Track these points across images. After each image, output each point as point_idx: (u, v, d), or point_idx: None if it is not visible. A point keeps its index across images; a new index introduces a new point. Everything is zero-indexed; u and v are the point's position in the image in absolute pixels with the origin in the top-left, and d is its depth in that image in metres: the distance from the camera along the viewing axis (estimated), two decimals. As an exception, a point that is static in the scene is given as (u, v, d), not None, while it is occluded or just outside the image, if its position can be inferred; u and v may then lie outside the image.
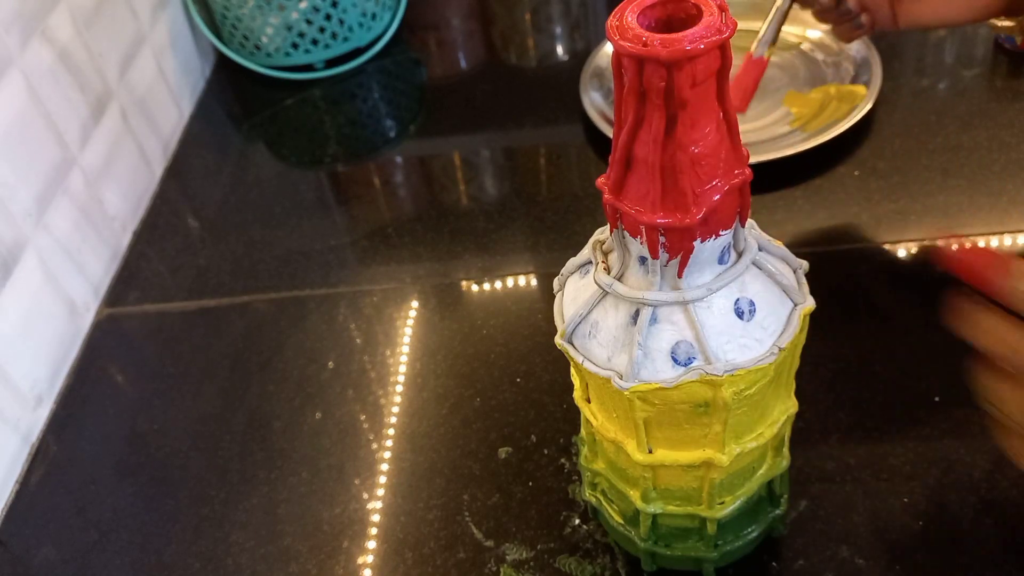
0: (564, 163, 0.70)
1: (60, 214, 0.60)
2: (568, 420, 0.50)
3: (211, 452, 0.52)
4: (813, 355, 0.51)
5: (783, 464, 0.39)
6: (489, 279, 0.60)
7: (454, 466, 0.49)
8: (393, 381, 0.54)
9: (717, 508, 0.37)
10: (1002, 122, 0.65)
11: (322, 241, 0.66)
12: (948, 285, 0.32)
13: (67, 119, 0.62)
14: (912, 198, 0.60)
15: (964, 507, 0.43)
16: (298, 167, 0.74)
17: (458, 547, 0.45)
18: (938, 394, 0.48)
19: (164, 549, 0.48)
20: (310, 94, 0.82)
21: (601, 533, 0.45)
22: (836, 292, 0.54)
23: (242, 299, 0.62)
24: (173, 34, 0.79)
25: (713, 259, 0.31)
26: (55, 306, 0.58)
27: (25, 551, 0.49)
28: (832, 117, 0.65)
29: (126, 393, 0.57)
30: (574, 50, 0.83)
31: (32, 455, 0.54)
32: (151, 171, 0.73)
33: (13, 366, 0.54)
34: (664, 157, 0.28)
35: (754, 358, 0.32)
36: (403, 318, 0.58)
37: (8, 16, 0.56)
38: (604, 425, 0.37)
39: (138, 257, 0.67)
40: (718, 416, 0.33)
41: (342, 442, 0.52)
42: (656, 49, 0.26)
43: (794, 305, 0.33)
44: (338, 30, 0.81)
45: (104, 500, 0.51)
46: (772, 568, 0.42)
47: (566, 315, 0.34)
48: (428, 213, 0.67)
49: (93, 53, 0.66)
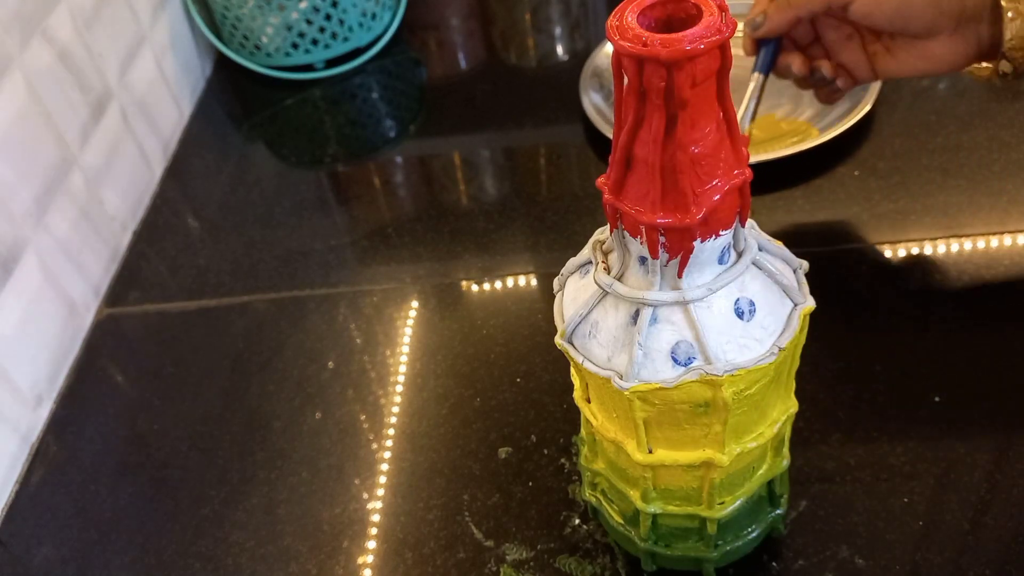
0: (564, 163, 0.70)
1: (60, 214, 0.60)
2: (568, 420, 0.50)
3: (211, 452, 0.52)
4: (813, 355, 0.51)
5: (783, 464, 0.39)
6: (489, 279, 0.60)
7: (454, 466, 0.49)
8: (393, 381, 0.54)
9: (717, 508, 0.37)
10: (1002, 122, 0.65)
11: (322, 241, 0.66)
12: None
13: (67, 119, 0.62)
14: (912, 198, 0.60)
15: (964, 507, 0.43)
16: (298, 167, 0.74)
17: (458, 547, 0.45)
18: (938, 394, 0.48)
19: (164, 549, 0.48)
20: (310, 94, 0.82)
21: (601, 533, 0.45)
22: (836, 292, 0.55)
23: (242, 299, 0.62)
24: (173, 34, 0.79)
25: (713, 259, 0.31)
26: (55, 306, 0.58)
27: (25, 551, 0.49)
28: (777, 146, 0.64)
29: (126, 393, 0.57)
30: (574, 50, 0.83)
31: (32, 455, 0.54)
32: (151, 171, 0.73)
33: (13, 366, 0.54)
34: (664, 157, 0.28)
35: (754, 358, 0.32)
36: (403, 318, 0.58)
37: (8, 16, 0.56)
38: (604, 425, 0.37)
39: (138, 257, 0.67)
40: (718, 416, 0.33)
41: (342, 442, 0.52)
42: (656, 49, 0.26)
43: (794, 305, 0.33)
44: (338, 30, 0.81)
45: (104, 500, 0.51)
46: (772, 568, 0.42)
47: (566, 315, 0.34)
48: (428, 213, 0.67)
49: (93, 53, 0.66)
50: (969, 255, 0.55)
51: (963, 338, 0.51)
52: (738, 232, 0.32)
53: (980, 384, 0.48)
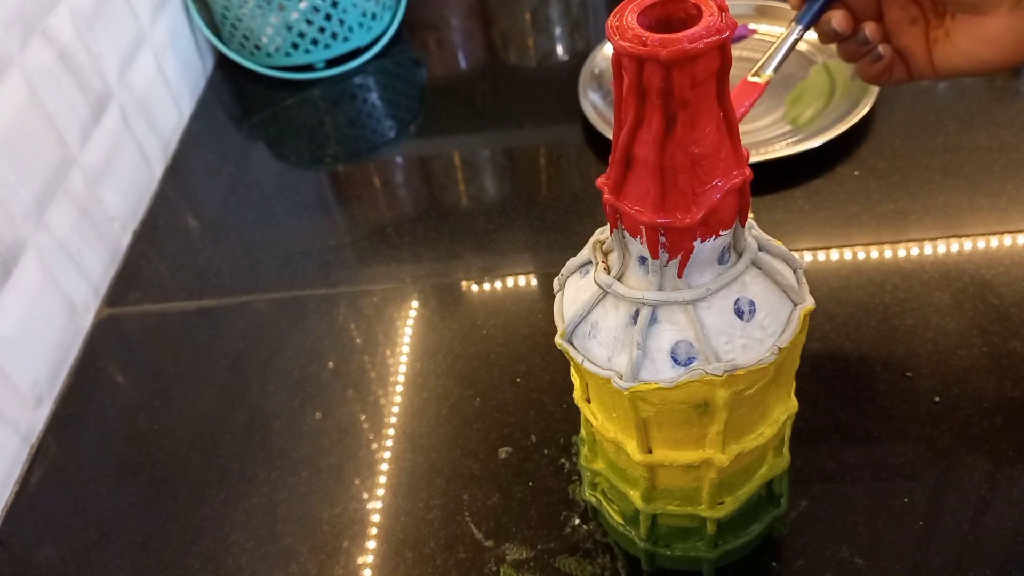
0: (564, 163, 0.70)
1: (60, 214, 0.60)
2: (568, 420, 0.50)
3: (211, 452, 0.52)
4: (813, 355, 0.51)
5: (783, 464, 0.39)
6: (489, 279, 0.60)
7: (454, 466, 0.49)
8: (393, 381, 0.54)
9: (717, 508, 0.37)
10: (1002, 122, 0.65)
11: (322, 241, 0.66)
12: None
13: (67, 119, 0.62)
14: (912, 198, 0.60)
15: (964, 507, 0.43)
16: (298, 167, 0.74)
17: (458, 547, 0.45)
18: (938, 394, 0.48)
19: (164, 549, 0.48)
20: (310, 94, 0.82)
21: (601, 533, 0.45)
22: (836, 292, 0.55)
23: (242, 299, 0.62)
24: (173, 34, 0.79)
25: (713, 259, 0.31)
26: (55, 306, 0.58)
27: (25, 551, 0.49)
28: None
29: (126, 393, 0.57)
30: (574, 50, 0.83)
31: (32, 455, 0.54)
32: (151, 171, 0.73)
33: (13, 366, 0.54)
34: (664, 157, 0.28)
35: (754, 358, 0.32)
36: (403, 318, 0.58)
37: (8, 16, 0.56)
38: (604, 425, 0.37)
39: (138, 257, 0.67)
40: (718, 416, 0.33)
41: (342, 442, 0.52)
42: (656, 49, 0.26)
43: (794, 305, 0.33)
44: (338, 30, 0.81)
45: (104, 500, 0.51)
46: (772, 568, 0.42)
47: (566, 315, 0.34)
48: (428, 213, 0.67)
49: (93, 53, 0.66)
50: (969, 255, 0.55)
51: (963, 338, 0.51)
52: (738, 232, 0.32)
53: (980, 384, 0.48)
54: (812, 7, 0.49)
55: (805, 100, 0.68)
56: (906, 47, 0.49)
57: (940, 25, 0.48)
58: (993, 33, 0.46)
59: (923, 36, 0.48)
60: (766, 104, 0.68)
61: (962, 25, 0.46)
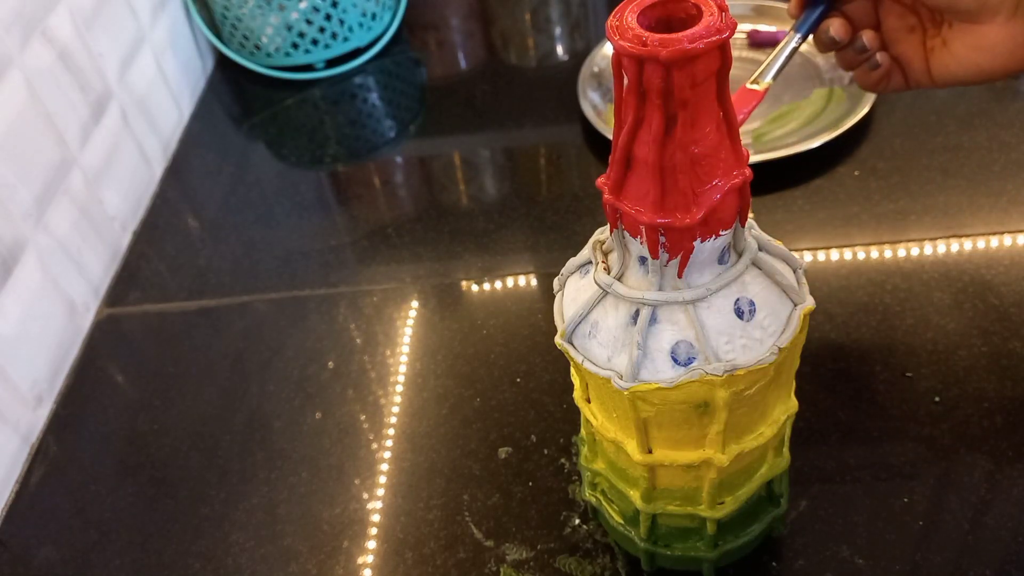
0: (564, 163, 0.70)
1: (60, 214, 0.60)
2: (568, 420, 0.50)
3: (211, 452, 0.52)
4: (813, 355, 0.51)
5: (783, 464, 0.39)
6: (489, 279, 0.60)
7: (454, 466, 0.49)
8: (393, 381, 0.54)
9: (717, 508, 0.37)
10: (1002, 122, 0.65)
11: (322, 241, 0.66)
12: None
13: (67, 119, 0.62)
14: (912, 198, 0.60)
15: (964, 507, 0.43)
16: (298, 167, 0.74)
17: (458, 547, 0.45)
18: (938, 394, 0.48)
19: (164, 549, 0.48)
20: (310, 94, 0.82)
21: (601, 533, 0.45)
22: (836, 292, 0.55)
23: (242, 299, 0.62)
24: (173, 34, 0.79)
25: (713, 259, 0.31)
26: (55, 306, 0.58)
27: (25, 551, 0.49)
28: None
29: (126, 393, 0.57)
30: (574, 50, 0.83)
31: (32, 455, 0.54)
32: (151, 171, 0.73)
33: (13, 366, 0.54)
34: (664, 157, 0.28)
35: (754, 358, 0.32)
36: (403, 318, 0.58)
37: (8, 16, 0.56)
38: (604, 425, 0.37)
39: (138, 257, 0.67)
40: (718, 416, 0.33)
41: (342, 442, 0.52)
42: (656, 49, 0.26)
43: (794, 305, 0.33)
44: (338, 30, 0.81)
45: (104, 500, 0.51)
46: (772, 568, 0.42)
47: (566, 315, 0.34)
48: (428, 213, 0.67)
49: (93, 53, 0.66)
50: (969, 255, 0.55)
51: (963, 338, 0.51)
52: (738, 232, 0.32)
53: (980, 384, 0.48)
54: (811, 15, 0.49)
55: (781, 122, 0.67)
56: (904, 55, 0.49)
57: (937, 34, 0.48)
58: (990, 42, 0.46)
59: (920, 45, 0.49)
60: (766, 104, 0.68)
61: (959, 34, 0.47)
